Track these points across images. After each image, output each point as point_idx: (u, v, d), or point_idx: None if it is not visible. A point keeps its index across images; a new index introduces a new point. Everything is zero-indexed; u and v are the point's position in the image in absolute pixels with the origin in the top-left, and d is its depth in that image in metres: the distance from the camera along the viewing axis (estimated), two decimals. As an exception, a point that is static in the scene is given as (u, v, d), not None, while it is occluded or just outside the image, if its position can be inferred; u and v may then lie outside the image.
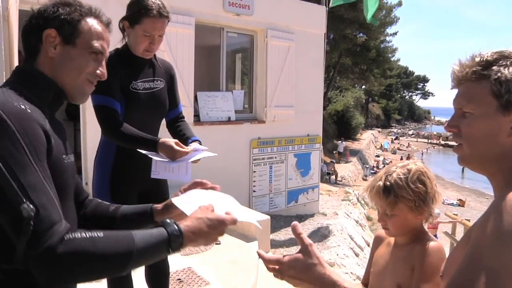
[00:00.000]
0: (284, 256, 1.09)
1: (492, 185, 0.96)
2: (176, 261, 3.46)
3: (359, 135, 35.78)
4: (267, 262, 1.10)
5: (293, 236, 1.12)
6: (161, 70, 2.36)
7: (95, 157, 2.33)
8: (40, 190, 1.00)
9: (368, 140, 35.96)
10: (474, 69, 0.93)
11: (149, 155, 2.09)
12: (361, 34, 24.36)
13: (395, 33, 29.78)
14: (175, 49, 6.34)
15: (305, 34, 8.51)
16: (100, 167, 2.28)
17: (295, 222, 1.12)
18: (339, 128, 29.55)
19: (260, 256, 1.10)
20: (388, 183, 1.46)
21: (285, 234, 7.63)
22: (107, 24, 1.29)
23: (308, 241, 1.09)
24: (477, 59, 0.94)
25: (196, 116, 7.17)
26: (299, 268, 1.06)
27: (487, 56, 0.93)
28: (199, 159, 2.16)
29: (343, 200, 11.94)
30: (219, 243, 4.51)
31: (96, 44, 1.23)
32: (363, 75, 30.26)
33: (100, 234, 1.03)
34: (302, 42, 8.44)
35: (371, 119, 53.56)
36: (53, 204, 1.02)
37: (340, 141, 25.63)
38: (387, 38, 30.14)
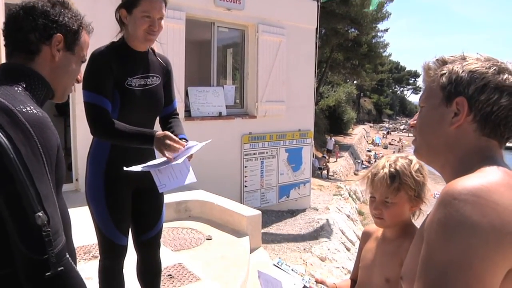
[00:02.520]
0: None
1: (444, 179, 0.99)
2: (166, 257, 3.46)
3: (350, 130, 35.86)
4: None
5: (284, 232, 1.15)
6: (157, 65, 2.30)
7: (88, 153, 2.26)
8: (50, 201, 1.07)
9: (360, 135, 36.08)
10: (430, 66, 1.00)
11: (144, 169, 2.01)
12: (352, 29, 24.35)
13: (387, 30, 29.87)
14: (166, 44, 6.28)
15: (296, 29, 8.50)
16: (93, 164, 2.21)
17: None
18: (330, 123, 29.56)
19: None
20: (393, 169, 1.49)
21: (276, 229, 7.65)
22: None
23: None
24: (436, 59, 0.99)
25: (187, 111, 7.15)
26: None
27: (446, 58, 0.98)
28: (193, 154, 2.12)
29: (334, 195, 11.99)
30: (210, 239, 4.51)
31: (85, 53, 1.37)
32: (354, 70, 30.30)
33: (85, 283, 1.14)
34: (294, 37, 8.43)
35: (362, 114, 53.66)
36: (58, 215, 1.10)
37: (329, 138, 24.54)
38: (379, 34, 30.22)
